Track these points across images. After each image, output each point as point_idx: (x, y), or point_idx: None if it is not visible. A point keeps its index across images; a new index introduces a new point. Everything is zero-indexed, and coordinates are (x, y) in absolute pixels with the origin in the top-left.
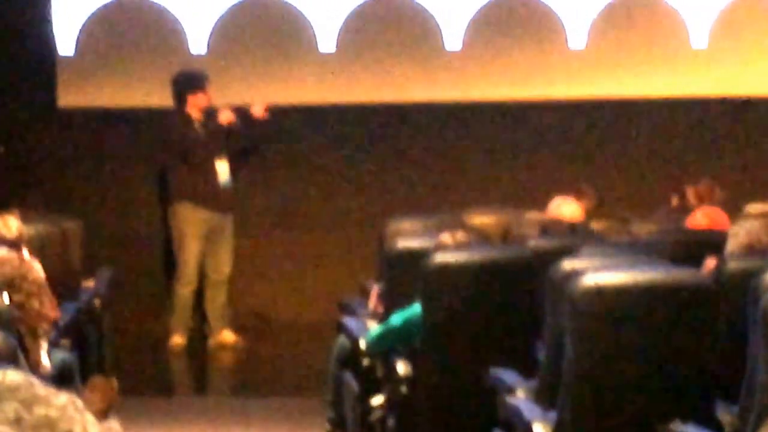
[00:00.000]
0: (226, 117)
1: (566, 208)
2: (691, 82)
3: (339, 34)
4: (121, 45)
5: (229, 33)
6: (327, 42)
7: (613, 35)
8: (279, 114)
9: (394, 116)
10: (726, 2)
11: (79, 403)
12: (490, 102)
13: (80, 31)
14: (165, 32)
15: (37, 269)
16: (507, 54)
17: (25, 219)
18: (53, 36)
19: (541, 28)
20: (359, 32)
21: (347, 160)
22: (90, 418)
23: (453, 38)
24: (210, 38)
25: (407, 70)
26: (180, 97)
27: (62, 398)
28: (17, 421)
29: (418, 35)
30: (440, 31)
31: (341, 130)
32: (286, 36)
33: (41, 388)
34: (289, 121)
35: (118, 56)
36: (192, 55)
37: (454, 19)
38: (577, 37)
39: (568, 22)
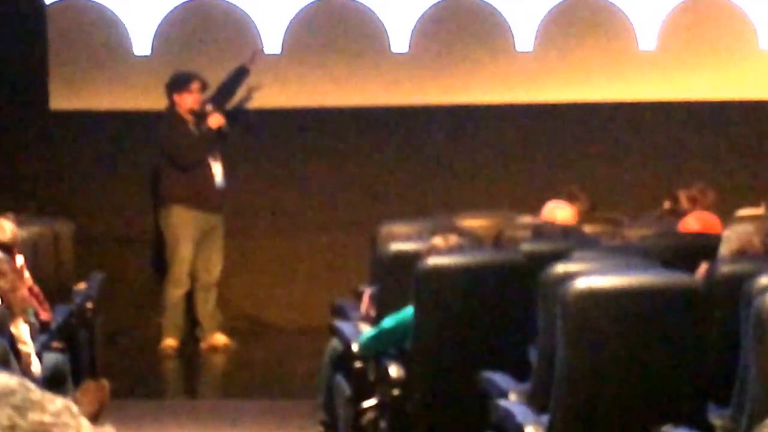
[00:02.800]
0: (215, 120)
1: (560, 212)
2: (640, 84)
3: (284, 36)
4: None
5: (174, 33)
6: (273, 43)
7: (561, 37)
8: (271, 117)
9: (387, 120)
10: (674, 4)
11: (75, 408)
12: (486, 105)
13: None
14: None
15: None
16: (453, 56)
17: (17, 221)
18: (46, 38)
19: (488, 30)
20: (305, 34)
21: (340, 163)
22: (85, 423)
23: (399, 40)
24: (153, 39)
25: (356, 72)
26: (169, 98)
27: (57, 403)
28: (11, 427)
29: (364, 36)
30: (386, 32)
31: (334, 134)
32: (232, 37)
33: (36, 393)
34: (281, 124)
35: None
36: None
37: (400, 21)
38: (524, 40)
39: (515, 24)
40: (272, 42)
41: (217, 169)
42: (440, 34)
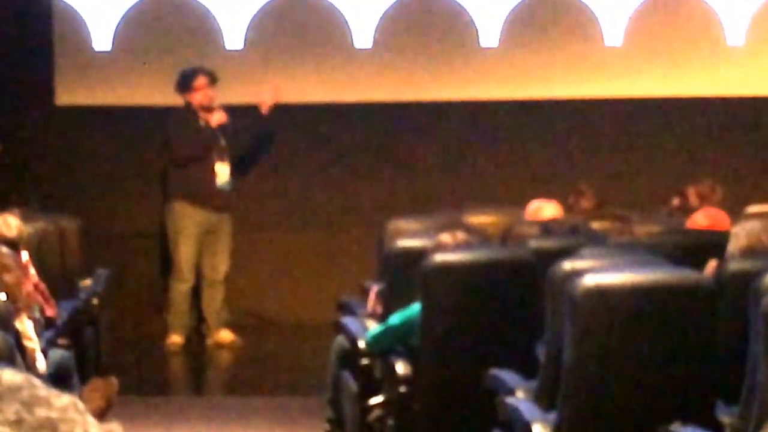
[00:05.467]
0: (217, 118)
1: (547, 210)
2: (606, 81)
3: (246, 32)
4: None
5: (136, 29)
6: (236, 39)
7: (526, 33)
8: (276, 113)
9: (394, 116)
10: (640, 0)
11: (81, 404)
12: (492, 101)
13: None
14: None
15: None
16: (415, 53)
17: (23, 218)
18: (52, 33)
19: (453, 26)
20: (267, 30)
21: (346, 159)
22: (91, 420)
23: (363, 36)
24: (114, 34)
25: (318, 68)
26: (180, 95)
27: (64, 399)
28: (18, 422)
29: (327, 32)
30: (349, 28)
31: (340, 130)
32: (194, 33)
33: (42, 389)
34: (287, 120)
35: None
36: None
37: (364, 17)
38: (489, 35)
39: (480, 20)
40: (234, 38)
41: (221, 170)
42: (404, 30)
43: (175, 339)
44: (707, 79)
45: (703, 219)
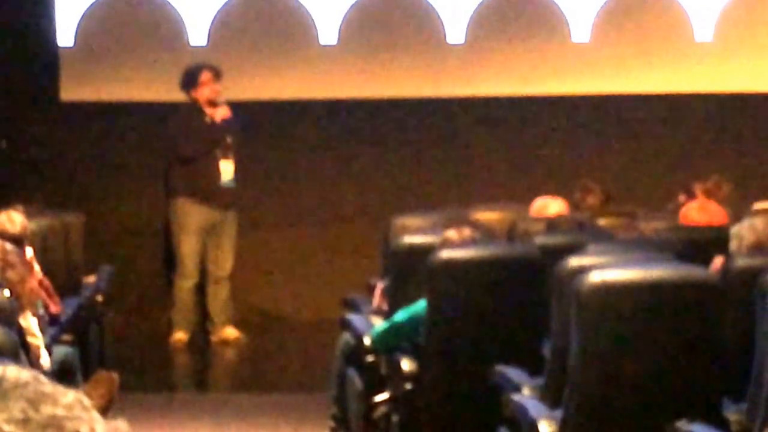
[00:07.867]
0: (221, 113)
1: (553, 206)
2: (574, 77)
3: (210, 28)
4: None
5: (99, 27)
6: (200, 36)
7: (493, 29)
8: (284, 109)
9: (400, 111)
10: None
11: (86, 401)
12: (499, 97)
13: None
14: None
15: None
16: (381, 49)
17: (27, 213)
18: (56, 28)
19: (419, 22)
20: (231, 26)
21: (352, 156)
22: (97, 417)
23: (328, 32)
24: (77, 32)
25: (283, 64)
26: (186, 92)
27: (69, 396)
28: (25, 420)
29: (292, 28)
30: (315, 24)
31: (346, 127)
32: (158, 29)
33: (48, 386)
34: (293, 116)
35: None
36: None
37: (330, 12)
38: (456, 32)
39: (447, 16)
40: (198, 34)
41: (225, 167)
42: (370, 27)
43: (180, 336)
44: (676, 75)
45: (696, 213)
